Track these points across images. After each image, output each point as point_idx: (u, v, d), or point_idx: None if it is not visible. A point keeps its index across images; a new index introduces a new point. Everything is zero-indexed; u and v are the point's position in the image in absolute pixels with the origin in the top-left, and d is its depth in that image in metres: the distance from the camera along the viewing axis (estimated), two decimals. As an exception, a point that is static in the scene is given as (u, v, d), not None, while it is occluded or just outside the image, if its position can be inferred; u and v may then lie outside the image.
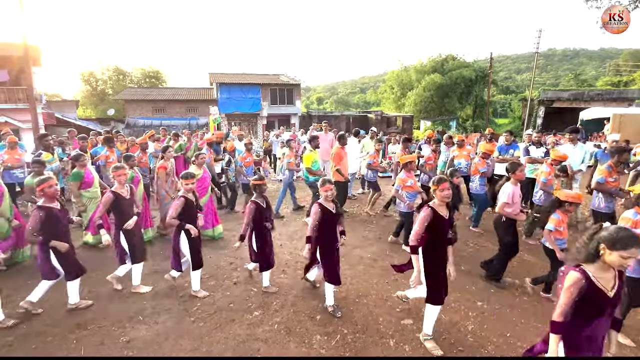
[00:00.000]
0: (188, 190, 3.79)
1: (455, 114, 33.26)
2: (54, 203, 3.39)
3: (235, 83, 25.88)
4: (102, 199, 3.83)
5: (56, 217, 3.37)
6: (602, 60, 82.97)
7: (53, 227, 3.34)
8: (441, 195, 2.90)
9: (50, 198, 3.37)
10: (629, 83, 31.64)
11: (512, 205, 3.98)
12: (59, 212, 3.42)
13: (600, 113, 17.19)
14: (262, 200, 3.87)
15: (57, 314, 3.54)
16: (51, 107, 20.88)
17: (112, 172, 3.89)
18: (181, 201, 3.67)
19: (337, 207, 3.51)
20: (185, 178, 3.76)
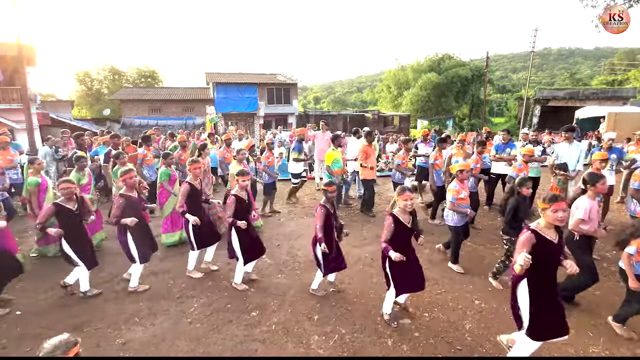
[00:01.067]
0: (243, 187, 3.76)
1: (452, 113, 33.38)
2: (133, 192, 3.84)
3: (232, 83, 25.82)
4: (181, 189, 4.05)
5: (134, 204, 3.80)
6: (597, 59, 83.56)
7: (132, 213, 3.67)
8: (553, 217, 2.47)
9: (130, 188, 3.82)
10: (623, 82, 31.87)
11: (589, 222, 3.45)
12: (137, 200, 3.87)
13: (595, 112, 17.32)
14: (331, 206, 3.64)
15: (53, 315, 3.51)
16: (46, 107, 20.69)
17: (189, 165, 4.15)
18: (232, 200, 3.65)
19: (414, 219, 3.28)
20: (241, 175, 3.75)
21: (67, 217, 3.59)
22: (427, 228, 6.07)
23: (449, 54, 36.01)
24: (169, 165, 5.25)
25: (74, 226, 3.66)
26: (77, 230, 3.70)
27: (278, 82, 27.35)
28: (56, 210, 3.53)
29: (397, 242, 3.15)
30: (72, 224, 3.62)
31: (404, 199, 3.13)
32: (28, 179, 4.76)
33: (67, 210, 3.59)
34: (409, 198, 3.13)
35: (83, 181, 5.00)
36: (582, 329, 3.30)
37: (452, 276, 4.31)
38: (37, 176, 4.72)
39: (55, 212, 3.53)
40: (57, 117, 19.91)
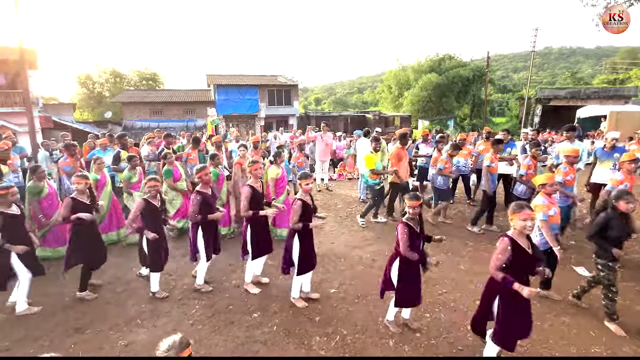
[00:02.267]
0: (307, 191, 3.56)
1: (453, 113, 33.33)
2: (208, 189, 3.88)
3: (233, 84, 25.89)
4: (243, 192, 3.83)
5: (209, 201, 3.84)
6: (599, 59, 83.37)
7: (207, 209, 3.75)
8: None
9: (206, 184, 3.86)
10: (625, 81, 31.76)
11: None
12: (211, 197, 3.91)
13: (597, 111, 17.27)
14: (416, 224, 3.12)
15: (55, 318, 3.52)
16: (48, 111, 20.79)
17: (249, 166, 3.99)
18: (299, 204, 3.46)
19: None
20: (304, 178, 3.53)
21: (152, 213, 3.74)
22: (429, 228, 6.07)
23: (450, 54, 35.99)
24: (216, 165, 5.43)
25: (157, 222, 3.81)
26: (158, 228, 3.82)
27: (279, 84, 27.40)
28: (145, 206, 3.66)
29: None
30: (155, 220, 3.77)
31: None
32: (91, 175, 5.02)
33: (153, 206, 3.74)
34: None
35: (134, 179, 5.36)
36: (585, 329, 3.29)
37: (454, 277, 4.31)
38: (98, 173, 5.19)
39: (144, 207, 3.66)
40: (59, 120, 20.01)
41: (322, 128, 8.98)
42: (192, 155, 6.77)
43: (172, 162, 5.55)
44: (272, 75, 29.86)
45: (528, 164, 5.38)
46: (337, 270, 4.48)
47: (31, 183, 4.61)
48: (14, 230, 3.44)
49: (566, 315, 3.54)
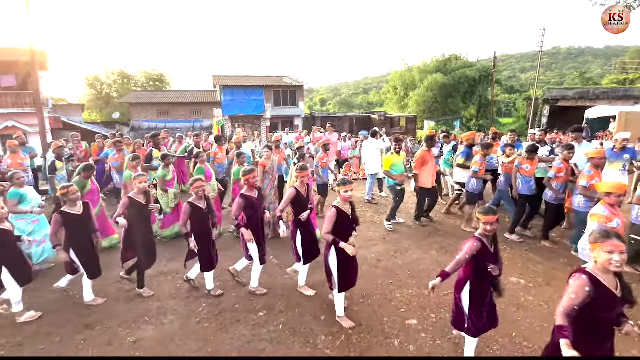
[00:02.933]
0: (345, 199, 3.24)
1: (459, 113, 33.14)
2: (254, 192, 3.85)
3: (239, 85, 26.04)
4: (287, 194, 3.86)
5: (253, 204, 3.81)
6: (608, 58, 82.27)
7: (252, 213, 3.76)
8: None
9: (252, 188, 3.84)
10: (635, 81, 31.26)
11: None
12: (256, 200, 3.85)
13: (605, 111, 17.04)
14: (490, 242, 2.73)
15: (66, 314, 3.59)
16: (57, 111, 21.12)
17: (297, 173, 3.96)
18: (334, 213, 3.20)
19: None
20: (342, 184, 3.24)
21: (199, 215, 3.75)
22: (432, 229, 6.06)
23: (456, 55, 35.80)
24: (242, 164, 5.61)
25: (204, 224, 3.82)
26: (206, 228, 3.84)
27: (284, 85, 27.49)
28: (192, 209, 3.69)
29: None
30: (202, 222, 3.78)
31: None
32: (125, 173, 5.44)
33: (199, 209, 3.75)
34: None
35: (168, 177, 5.48)
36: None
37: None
38: (133, 172, 5.18)
39: (191, 211, 3.68)
40: (68, 121, 20.31)
41: (328, 129, 9.02)
42: (220, 154, 6.94)
43: (203, 160, 5.68)
44: (278, 76, 29.97)
45: (559, 167, 5.00)
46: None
47: (77, 179, 4.83)
48: (75, 229, 3.58)
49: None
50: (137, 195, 3.82)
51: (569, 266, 4.59)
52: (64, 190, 3.53)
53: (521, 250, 5.09)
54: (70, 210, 3.54)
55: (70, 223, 3.51)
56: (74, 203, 3.59)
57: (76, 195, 3.58)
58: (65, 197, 3.53)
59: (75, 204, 3.60)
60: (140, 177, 3.85)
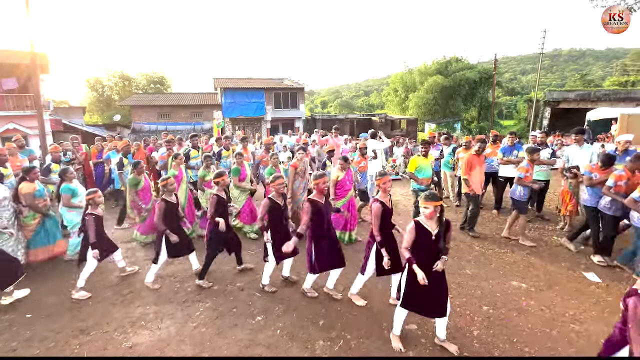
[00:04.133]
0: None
1: (460, 116, 33.10)
2: (322, 197, 3.76)
3: (239, 88, 26.08)
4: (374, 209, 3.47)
5: (322, 209, 3.66)
6: (609, 60, 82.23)
7: (318, 218, 3.64)
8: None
9: (321, 193, 3.70)
10: (636, 83, 31.20)
11: None
12: (324, 206, 3.70)
13: (607, 113, 16.94)
14: None
15: (61, 318, 3.55)
16: (58, 114, 21.18)
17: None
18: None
19: None
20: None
21: (277, 212, 3.83)
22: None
23: (457, 57, 35.82)
24: (276, 165, 5.79)
25: (281, 220, 3.88)
26: (283, 225, 3.91)
27: (285, 87, 27.53)
28: (270, 205, 3.76)
29: None
30: (279, 218, 3.86)
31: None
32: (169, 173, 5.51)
33: (278, 205, 3.83)
34: None
35: (208, 177, 5.57)
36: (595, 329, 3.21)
37: (459, 282, 4.25)
38: (176, 169, 5.53)
39: (270, 206, 3.76)
40: (69, 123, 20.36)
41: (333, 132, 9.01)
42: (245, 154, 6.98)
43: (241, 162, 5.79)
44: (279, 79, 30.01)
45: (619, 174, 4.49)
46: (342, 274, 4.44)
47: (132, 176, 5.24)
48: (171, 217, 4.05)
49: None
50: (220, 192, 4.08)
51: (571, 270, 4.55)
52: (164, 182, 4.03)
53: (522, 254, 5.04)
54: (169, 199, 4.04)
55: (168, 210, 3.98)
56: (171, 193, 4.08)
57: (173, 186, 4.11)
58: (165, 187, 4.04)
59: (171, 194, 4.09)
60: (224, 176, 4.10)
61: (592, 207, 4.76)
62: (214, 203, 4.01)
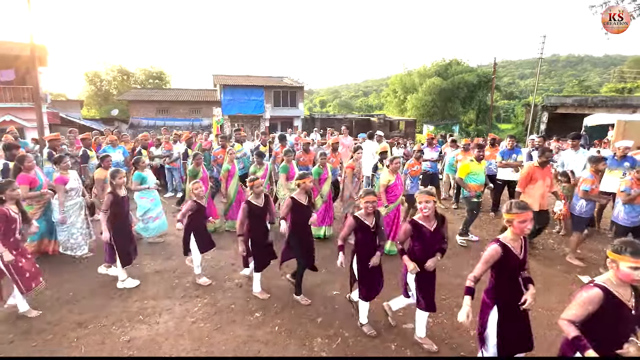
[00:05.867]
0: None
1: (458, 118, 33.24)
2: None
3: (239, 85, 26.02)
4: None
5: None
6: (607, 67, 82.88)
7: None
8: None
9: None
10: (633, 90, 31.50)
11: None
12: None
13: (604, 119, 17.11)
14: None
15: (59, 311, 3.54)
16: (56, 107, 21.02)
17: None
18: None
19: None
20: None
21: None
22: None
23: (457, 60, 35.95)
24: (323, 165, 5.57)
25: (305, 220, 3.72)
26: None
27: (284, 85, 27.49)
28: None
29: None
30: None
31: None
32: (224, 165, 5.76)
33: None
34: None
35: (259, 173, 5.62)
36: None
37: (457, 282, 4.28)
38: (229, 164, 5.70)
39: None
40: (67, 117, 20.22)
41: (343, 132, 9.03)
42: (281, 153, 6.94)
43: (290, 160, 5.65)
44: (278, 77, 29.97)
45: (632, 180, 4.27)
46: (339, 271, 4.46)
47: (191, 167, 5.55)
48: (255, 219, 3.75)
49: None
50: (299, 196, 3.68)
51: (566, 273, 4.60)
52: (251, 183, 3.75)
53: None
54: (255, 202, 3.71)
55: (252, 213, 3.68)
56: (258, 195, 3.75)
57: (261, 188, 3.76)
58: (251, 189, 3.75)
59: (259, 196, 3.75)
60: (308, 178, 3.73)
61: (626, 226, 4.29)
62: (288, 204, 3.64)
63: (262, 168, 5.78)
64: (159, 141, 8.83)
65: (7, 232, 3.24)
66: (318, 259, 4.01)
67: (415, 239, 2.92)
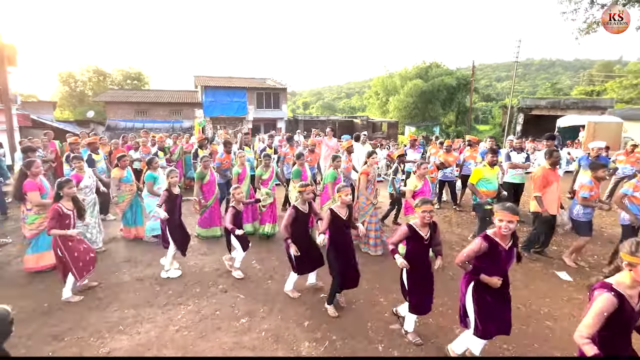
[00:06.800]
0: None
1: (439, 119, 34.00)
2: None
3: (221, 86, 25.68)
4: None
5: None
6: (577, 70, 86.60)
7: None
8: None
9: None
10: (601, 92, 33.14)
11: None
12: None
13: (575, 121, 17.89)
14: None
15: (33, 324, 3.37)
16: (26, 108, 20.07)
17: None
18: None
19: None
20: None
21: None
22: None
23: (437, 62, 36.79)
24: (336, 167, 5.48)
25: (343, 235, 3.55)
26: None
27: (267, 87, 27.32)
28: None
29: None
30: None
31: None
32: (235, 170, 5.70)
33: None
34: None
35: (265, 176, 5.63)
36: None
37: (442, 281, 4.34)
38: (239, 167, 5.67)
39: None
40: (38, 119, 19.33)
41: (328, 133, 9.02)
42: (290, 154, 7.04)
43: (302, 163, 5.57)
44: (261, 78, 29.75)
45: None
46: (327, 275, 4.44)
47: (199, 170, 5.43)
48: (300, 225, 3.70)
49: (550, 319, 3.61)
50: (340, 209, 3.49)
51: (544, 270, 4.76)
52: (302, 188, 3.66)
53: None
54: (301, 208, 3.65)
55: (297, 218, 3.62)
56: (305, 201, 3.69)
57: (310, 195, 3.67)
58: (301, 194, 3.66)
59: (305, 202, 3.69)
60: (344, 190, 3.53)
61: None
62: (328, 218, 3.44)
63: (269, 171, 5.68)
64: (137, 144, 8.59)
65: (62, 228, 3.56)
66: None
67: (486, 257, 2.58)
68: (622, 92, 32.22)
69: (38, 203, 4.16)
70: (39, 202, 4.16)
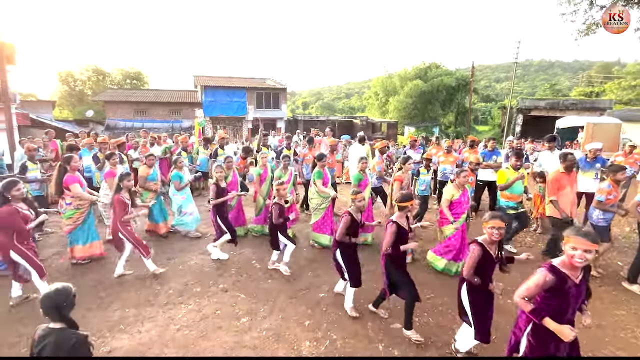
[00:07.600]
0: None
1: (438, 120, 34.05)
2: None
3: (221, 86, 25.67)
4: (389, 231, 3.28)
5: None
6: (576, 72, 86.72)
7: None
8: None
9: None
10: (600, 94, 33.25)
11: None
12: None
13: (574, 122, 17.93)
14: None
15: (31, 323, 3.36)
16: (25, 108, 20.04)
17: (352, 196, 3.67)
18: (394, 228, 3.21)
19: None
20: None
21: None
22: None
23: (436, 63, 36.83)
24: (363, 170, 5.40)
25: (356, 230, 3.62)
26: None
27: (267, 87, 27.32)
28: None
29: None
30: (355, 229, 3.58)
31: None
32: (256, 169, 5.88)
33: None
34: None
35: (284, 178, 5.41)
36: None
37: (441, 280, 4.36)
38: (261, 168, 5.72)
39: (350, 221, 3.49)
40: (37, 118, 19.31)
41: (327, 133, 9.04)
42: (309, 155, 7.00)
43: (323, 165, 5.42)
44: (261, 78, 29.76)
45: None
46: (328, 274, 4.47)
47: (218, 170, 5.38)
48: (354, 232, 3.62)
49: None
50: (401, 220, 3.26)
51: (544, 269, 4.76)
52: (354, 196, 3.59)
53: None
54: (355, 215, 3.57)
55: (351, 227, 3.52)
56: (359, 209, 3.60)
57: (363, 202, 3.60)
58: (353, 202, 3.57)
59: (359, 210, 3.61)
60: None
61: None
62: (393, 232, 3.16)
63: (287, 173, 5.59)
64: (137, 144, 8.58)
65: (124, 214, 4.16)
66: (308, 263, 4.00)
67: (552, 292, 2.12)
68: (620, 93, 32.38)
69: (80, 195, 4.48)
70: (81, 195, 4.48)
